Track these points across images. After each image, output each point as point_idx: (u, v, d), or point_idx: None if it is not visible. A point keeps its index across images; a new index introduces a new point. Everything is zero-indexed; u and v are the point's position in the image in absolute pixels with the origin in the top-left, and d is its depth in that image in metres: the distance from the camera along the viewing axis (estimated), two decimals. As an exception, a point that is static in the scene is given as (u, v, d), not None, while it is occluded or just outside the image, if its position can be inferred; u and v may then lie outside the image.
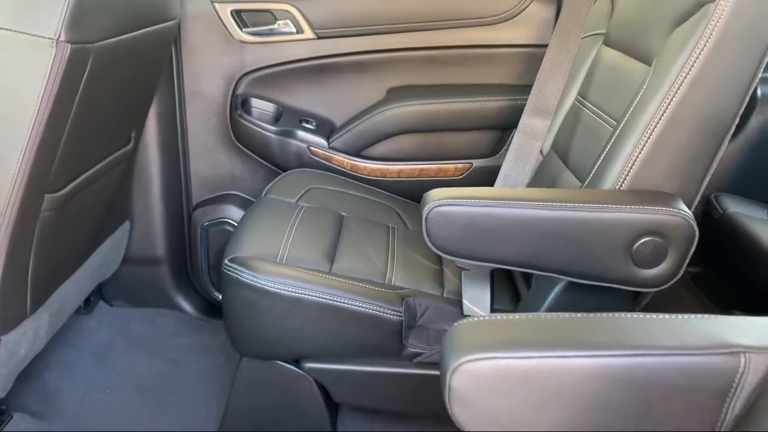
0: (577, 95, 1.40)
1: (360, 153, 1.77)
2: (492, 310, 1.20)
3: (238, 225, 1.44)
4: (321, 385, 1.25)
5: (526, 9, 1.66)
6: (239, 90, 1.74)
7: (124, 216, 1.70)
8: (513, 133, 1.49)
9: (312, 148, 1.75)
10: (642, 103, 1.06)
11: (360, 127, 1.74)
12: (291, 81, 1.75)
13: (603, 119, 1.22)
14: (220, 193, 1.84)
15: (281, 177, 1.66)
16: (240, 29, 1.68)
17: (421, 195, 1.10)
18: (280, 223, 1.39)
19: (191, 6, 1.64)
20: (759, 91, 1.56)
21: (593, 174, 1.12)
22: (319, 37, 1.69)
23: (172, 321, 1.84)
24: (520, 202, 1.03)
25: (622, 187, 1.05)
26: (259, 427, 1.30)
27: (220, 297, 1.86)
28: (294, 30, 1.68)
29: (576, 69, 1.44)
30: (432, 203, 1.04)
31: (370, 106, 1.76)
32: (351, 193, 1.64)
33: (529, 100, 1.43)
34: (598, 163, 1.12)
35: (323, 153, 1.75)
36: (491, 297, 1.19)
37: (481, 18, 1.68)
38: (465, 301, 1.20)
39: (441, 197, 1.04)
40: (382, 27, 1.68)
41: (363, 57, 1.72)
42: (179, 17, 1.53)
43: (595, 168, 1.12)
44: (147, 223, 1.76)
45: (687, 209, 1.02)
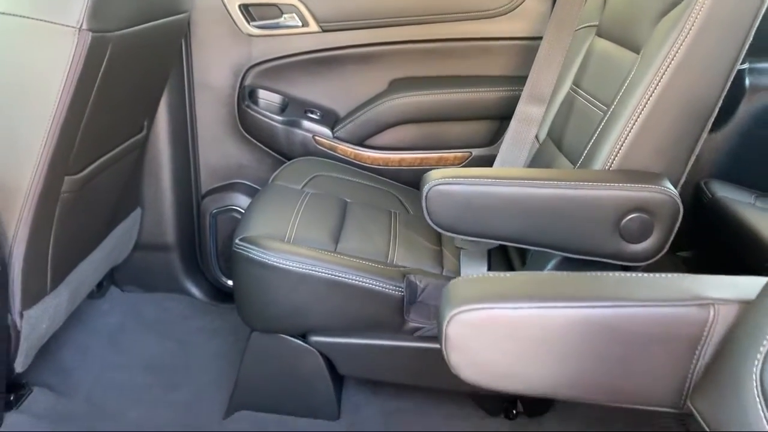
0: (572, 84, 1.47)
1: (363, 142, 1.83)
2: (489, 286, 1.26)
3: (247, 209, 1.50)
4: (327, 358, 1.32)
5: (523, 3, 1.72)
6: (247, 81, 1.81)
7: (135, 203, 1.77)
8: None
9: (317, 137, 1.81)
10: (630, 89, 1.13)
11: (363, 117, 1.81)
12: (297, 73, 1.81)
13: (595, 105, 1.28)
14: (228, 182, 1.90)
15: (287, 165, 1.73)
16: (247, 23, 1.75)
17: None
18: (287, 208, 1.46)
19: (201, 0, 1.71)
20: (747, 81, 1.62)
21: (585, 156, 1.18)
22: (324, 30, 1.75)
23: (181, 305, 1.90)
24: (514, 180, 1.09)
25: (611, 167, 1.11)
26: (268, 398, 1.37)
27: (228, 282, 1.94)
28: (299, 23, 1.75)
29: (570, 60, 1.50)
30: (431, 182, 1.10)
31: (372, 96, 1.82)
32: (354, 181, 1.70)
33: (525, 88, 1.49)
34: (589, 146, 1.18)
35: (328, 142, 1.81)
36: (488, 275, 1.25)
37: (480, 11, 1.74)
38: (463, 279, 1.26)
39: (440, 177, 1.11)
40: (384, 20, 1.74)
41: (366, 49, 1.78)
42: (190, 11, 1.59)
43: (587, 150, 1.18)
44: (157, 211, 1.82)
45: (672, 187, 1.09)
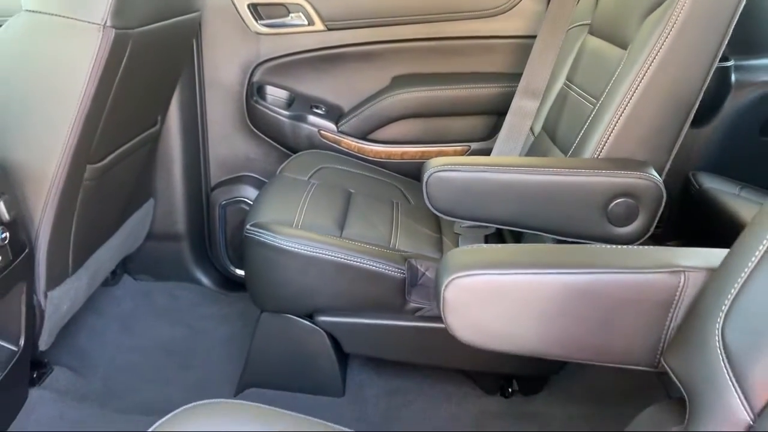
0: (565, 80, 1.54)
1: (366, 136, 1.91)
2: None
3: (256, 198, 1.58)
4: (332, 338, 1.39)
5: (519, 2, 1.80)
6: (255, 78, 1.88)
7: (148, 193, 1.84)
8: (507, 115, 1.63)
9: (322, 131, 1.89)
10: (617, 82, 1.20)
11: (366, 112, 1.89)
12: (303, 70, 1.89)
13: (586, 99, 1.36)
14: (236, 174, 1.98)
15: (294, 157, 1.81)
16: (256, 21, 1.82)
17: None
18: (294, 197, 1.53)
19: (211, 0, 1.79)
20: (733, 78, 1.69)
21: (575, 145, 1.26)
22: (329, 29, 1.83)
23: (191, 293, 1.98)
24: (509, 167, 1.17)
25: (599, 156, 1.19)
26: (277, 376, 1.44)
27: (236, 271, 2.01)
28: (306, 22, 1.83)
29: (564, 57, 1.58)
30: (432, 169, 1.18)
31: (375, 92, 1.90)
32: (358, 173, 1.78)
33: (520, 83, 1.57)
34: (579, 136, 1.26)
35: (332, 136, 1.89)
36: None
37: (479, 11, 1.82)
38: (461, 263, 1.33)
39: (440, 164, 1.19)
40: (387, 19, 1.82)
41: (369, 47, 1.86)
42: (201, 10, 1.67)
43: (577, 140, 1.26)
44: (169, 201, 1.90)
45: (656, 174, 1.16)
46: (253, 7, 1.82)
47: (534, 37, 1.68)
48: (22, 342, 1.26)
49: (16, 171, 1.19)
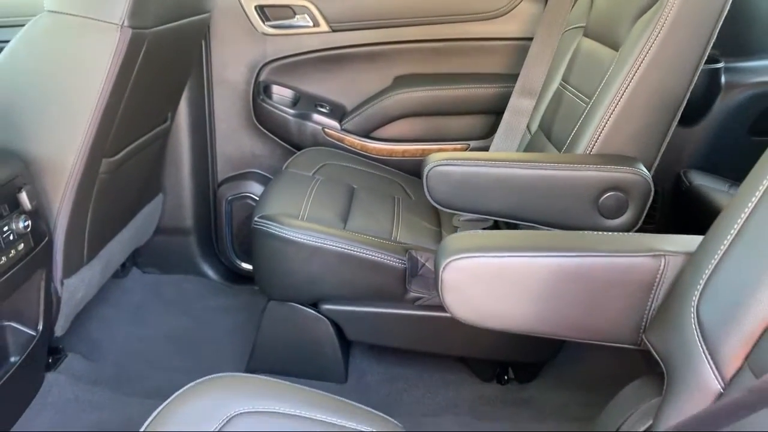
0: (561, 80, 1.60)
1: (369, 134, 1.97)
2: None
3: (263, 192, 1.64)
4: (336, 325, 1.45)
5: (518, 6, 1.87)
6: (261, 77, 1.95)
7: (158, 188, 1.91)
8: (504, 114, 1.69)
9: (326, 129, 1.95)
10: (608, 82, 1.27)
11: (369, 111, 1.95)
12: (308, 69, 1.95)
13: (579, 98, 1.42)
14: (242, 171, 2.04)
15: (299, 154, 1.87)
16: (263, 23, 1.89)
17: None
18: (299, 191, 1.59)
19: (221, 1, 1.85)
20: (723, 79, 1.75)
21: (569, 142, 1.32)
22: (334, 30, 1.90)
23: (197, 286, 2.04)
24: (505, 162, 1.23)
25: (591, 152, 1.25)
26: (282, 363, 1.50)
27: (241, 265, 2.08)
28: (311, 23, 1.89)
29: (560, 58, 1.64)
30: (432, 163, 1.24)
31: (378, 92, 1.96)
32: (361, 169, 1.84)
33: (517, 83, 1.64)
34: (573, 133, 1.32)
35: (336, 134, 1.95)
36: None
37: (479, 13, 1.88)
38: (460, 254, 1.39)
39: (440, 158, 1.25)
40: (390, 21, 1.89)
41: (372, 48, 1.92)
42: (211, 11, 1.73)
43: (570, 137, 1.32)
44: (177, 196, 1.96)
45: (645, 169, 1.22)
46: (261, 9, 1.88)
47: (531, 39, 1.74)
48: (40, 327, 1.32)
49: (37, 163, 1.25)
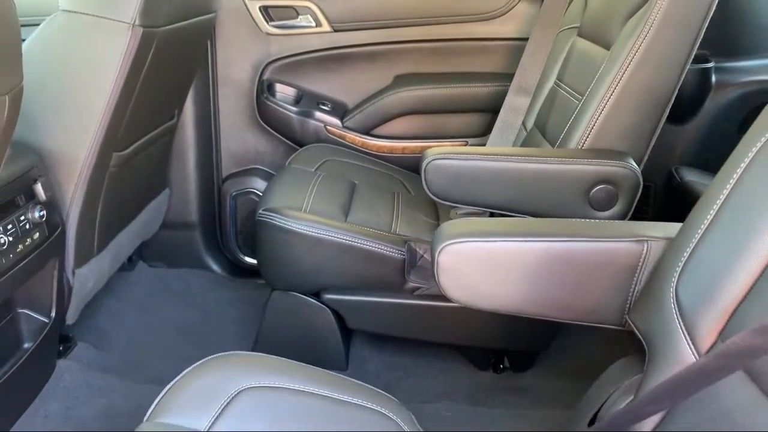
0: (556, 79, 1.66)
1: (370, 132, 2.03)
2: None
3: (267, 186, 1.69)
4: (337, 315, 1.50)
5: (515, 7, 1.92)
6: (265, 76, 2.00)
7: (164, 184, 1.96)
8: (501, 112, 1.75)
9: (328, 127, 2.01)
10: (600, 80, 1.32)
11: (370, 109, 2.00)
12: (310, 68, 2.01)
13: (573, 96, 1.47)
14: (246, 167, 2.09)
15: (302, 150, 1.92)
16: (267, 23, 1.94)
17: None
18: (302, 186, 1.64)
19: (226, 2, 1.90)
20: (714, 79, 1.80)
21: (562, 138, 1.38)
22: (335, 30, 1.95)
23: (202, 279, 2.09)
24: (499, 156, 1.28)
25: (583, 147, 1.30)
26: (285, 351, 1.54)
27: (245, 259, 2.13)
28: (313, 24, 1.95)
29: (555, 57, 1.69)
30: (429, 157, 1.30)
31: (378, 90, 2.02)
32: (362, 165, 1.89)
33: (513, 81, 1.69)
34: (565, 129, 1.37)
35: (338, 131, 2.01)
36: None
37: (477, 14, 1.94)
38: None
39: (437, 153, 1.30)
40: (390, 21, 1.94)
41: (373, 48, 1.98)
42: (217, 11, 1.79)
43: (563, 133, 1.37)
44: (183, 192, 2.01)
45: (634, 163, 1.27)
46: (265, 9, 1.94)
47: (527, 39, 1.79)
48: (53, 314, 1.37)
49: (51, 156, 1.30)
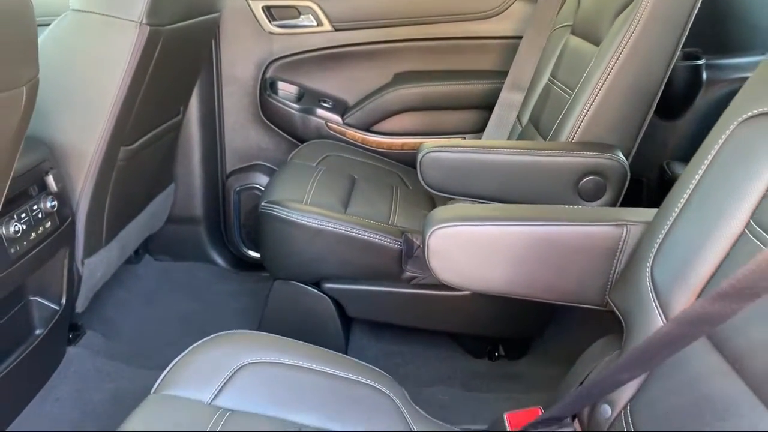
0: (549, 76, 1.70)
1: (369, 128, 2.08)
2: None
3: (269, 181, 1.75)
4: (337, 303, 1.55)
5: (510, 6, 1.97)
6: (268, 74, 2.06)
7: (170, 179, 2.02)
8: (497, 108, 1.80)
9: (329, 123, 2.06)
10: (589, 75, 1.37)
11: (370, 106, 2.06)
12: (312, 66, 2.06)
13: (565, 91, 1.52)
14: (249, 163, 2.15)
15: (303, 146, 1.98)
16: (269, 22, 2.00)
17: None
18: (303, 180, 1.70)
19: (229, 2, 1.96)
20: (705, 75, 1.85)
21: (553, 131, 1.42)
22: (336, 30, 2.00)
23: (206, 272, 2.14)
24: (492, 149, 1.33)
25: (573, 139, 1.35)
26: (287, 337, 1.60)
27: (248, 252, 2.18)
28: (315, 23, 2.00)
29: (549, 55, 1.74)
30: (425, 149, 1.35)
31: (378, 88, 2.07)
32: (361, 160, 1.95)
33: (507, 78, 1.74)
34: (557, 123, 1.42)
35: (338, 128, 2.06)
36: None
37: (474, 13, 1.99)
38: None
39: (432, 145, 1.35)
40: (389, 21, 1.99)
41: (373, 46, 2.03)
42: (221, 11, 1.84)
43: (555, 126, 1.42)
44: (188, 187, 2.07)
45: (622, 155, 1.32)
46: (267, 9, 1.99)
47: (522, 38, 1.84)
48: (63, 301, 1.43)
49: (61, 150, 1.36)
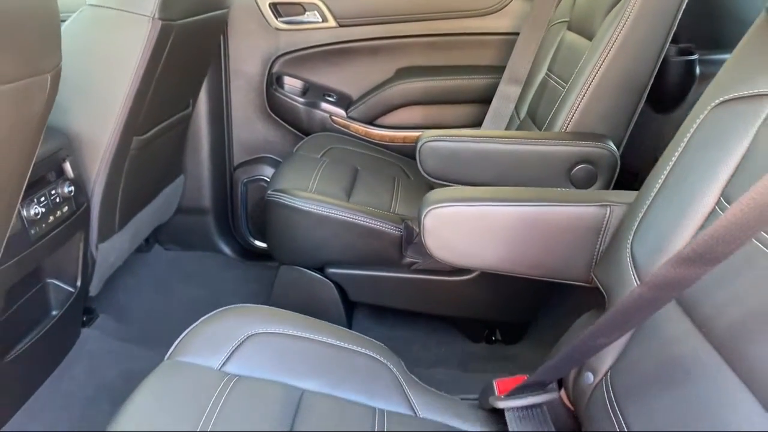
0: (546, 71, 1.76)
1: (373, 122, 2.14)
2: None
3: (275, 171, 1.81)
4: (340, 288, 1.61)
5: (510, 2, 2.03)
6: (274, 69, 2.12)
7: (179, 170, 2.08)
8: (495, 101, 1.86)
9: (333, 117, 2.12)
10: (582, 68, 1.42)
11: (373, 100, 2.12)
12: (317, 62, 2.13)
13: (560, 84, 1.58)
14: (256, 155, 2.22)
15: (308, 138, 2.04)
16: (276, 19, 2.07)
17: None
18: (308, 170, 1.76)
19: (237, -1, 2.03)
20: (698, 70, 1.90)
21: (547, 123, 1.48)
22: (341, 26, 2.07)
23: (214, 261, 2.21)
24: (488, 138, 1.39)
25: (566, 130, 1.41)
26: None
27: (255, 242, 2.25)
28: (320, 19, 2.07)
29: (547, 50, 1.79)
30: (424, 138, 1.41)
31: (381, 82, 2.13)
32: (365, 153, 2.01)
33: (505, 72, 1.80)
34: (551, 115, 1.48)
35: (342, 121, 2.12)
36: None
37: (474, 10, 2.05)
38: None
39: (430, 135, 1.41)
40: (392, 17, 2.06)
41: (376, 42, 2.09)
42: (229, 7, 1.91)
43: (549, 117, 1.48)
44: (197, 178, 2.14)
45: (612, 144, 1.38)
46: (274, 6, 2.06)
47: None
48: (78, 283, 1.49)
49: (77, 138, 1.43)
